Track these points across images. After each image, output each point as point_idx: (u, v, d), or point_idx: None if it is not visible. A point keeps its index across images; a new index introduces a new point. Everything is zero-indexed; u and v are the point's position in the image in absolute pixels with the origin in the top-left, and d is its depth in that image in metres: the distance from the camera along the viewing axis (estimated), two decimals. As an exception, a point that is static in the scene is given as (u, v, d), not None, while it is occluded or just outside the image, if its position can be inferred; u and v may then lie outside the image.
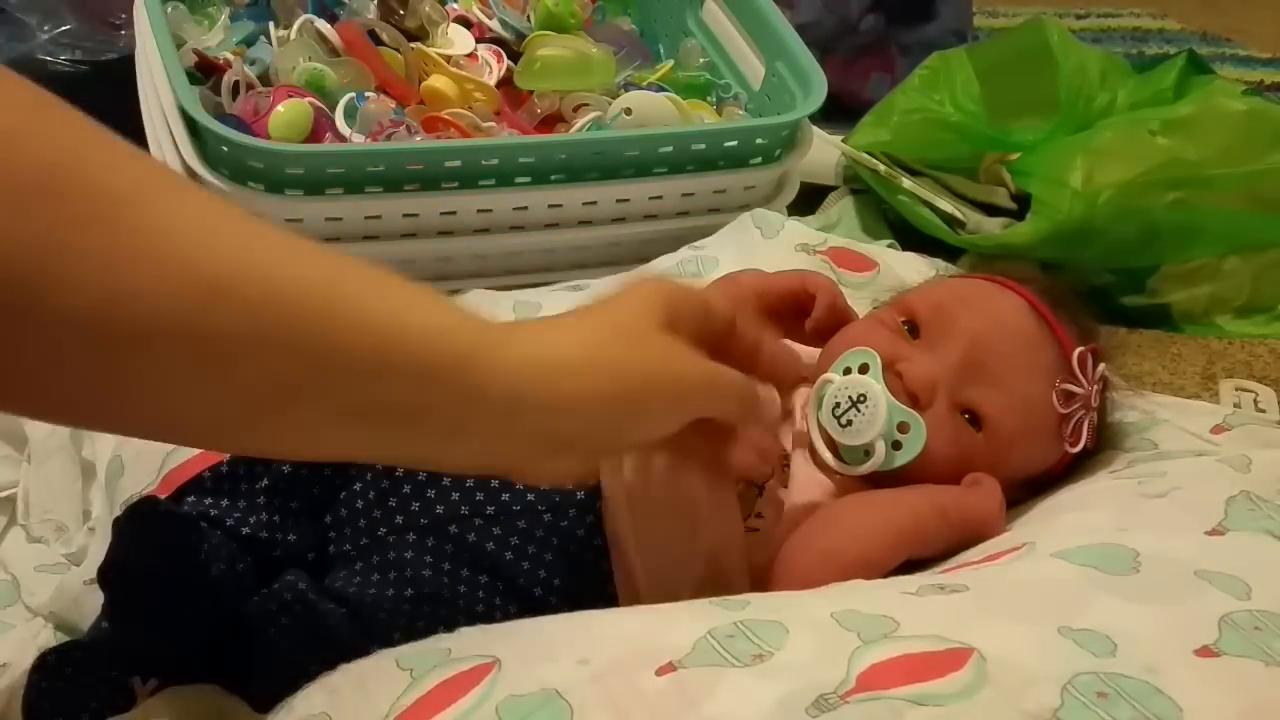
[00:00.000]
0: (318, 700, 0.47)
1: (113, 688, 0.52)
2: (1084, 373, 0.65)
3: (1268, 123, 1.03)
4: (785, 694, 0.42)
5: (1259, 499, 0.56)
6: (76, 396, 0.39)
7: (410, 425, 0.44)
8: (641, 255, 0.92)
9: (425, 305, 0.44)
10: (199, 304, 0.38)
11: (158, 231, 0.38)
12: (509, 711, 0.42)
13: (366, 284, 0.43)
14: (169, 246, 0.38)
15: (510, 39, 1.09)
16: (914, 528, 0.60)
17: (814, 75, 1.00)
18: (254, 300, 0.39)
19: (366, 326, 0.42)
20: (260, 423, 0.42)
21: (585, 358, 0.46)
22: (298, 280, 0.41)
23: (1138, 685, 0.43)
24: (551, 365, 0.45)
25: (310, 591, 0.55)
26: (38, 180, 0.37)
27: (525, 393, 0.45)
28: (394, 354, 0.42)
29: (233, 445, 0.51)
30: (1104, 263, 1.01)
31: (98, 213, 0.37)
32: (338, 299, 0.41)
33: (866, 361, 0.62)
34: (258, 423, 0.42)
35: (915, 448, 0.61)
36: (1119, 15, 1.99)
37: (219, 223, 0.41)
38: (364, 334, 0.41)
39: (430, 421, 0.44)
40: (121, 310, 0.37)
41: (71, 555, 0.70)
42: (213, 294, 0.39)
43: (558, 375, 0.45)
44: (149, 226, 0.38)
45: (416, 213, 0.91)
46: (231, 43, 1.01)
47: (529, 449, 0.46)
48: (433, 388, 0.43)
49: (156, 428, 0.43)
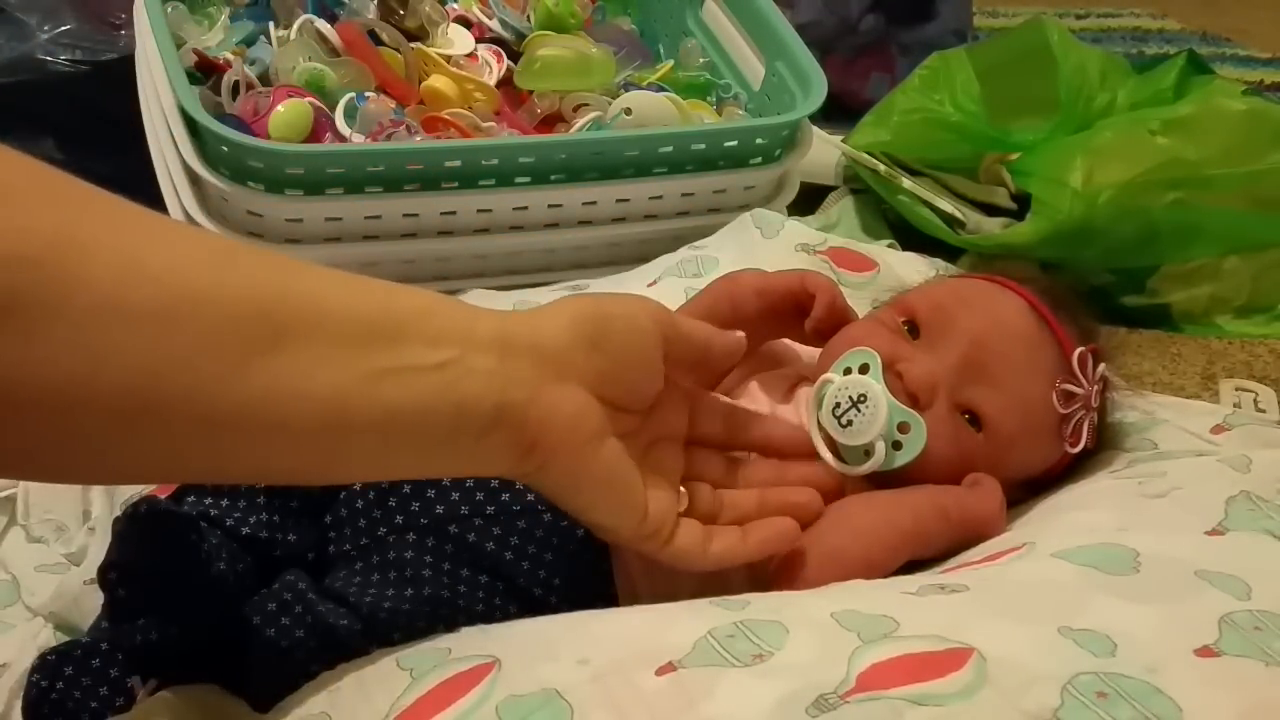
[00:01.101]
0: (318, 700, 0.47)
1: (113, 688, 0.52)
2: (1084, 373, 0.65)
3: (1268, 123, 1.03)
4: (785, 694, 0.42)
5: (1259, 499, 0.56)
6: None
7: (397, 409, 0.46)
8: (641, 255, 0.92)
9: (408, 296, 0.47)
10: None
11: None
12: (509, 711, 0.42)
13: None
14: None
15: (510, 39, 1.09)
16: (915, 528, 0.60)
17: (814, 75, 0.99)
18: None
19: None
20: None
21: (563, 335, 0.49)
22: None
23: (1138, 685, 0.43)
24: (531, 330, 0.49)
25: (310, 591, 0.55)
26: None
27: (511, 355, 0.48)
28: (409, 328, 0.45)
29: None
30: (1104, 263, 1.01)
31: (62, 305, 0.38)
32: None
33: (866, 362, 0.62)
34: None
35: (915, 448, 0.61)
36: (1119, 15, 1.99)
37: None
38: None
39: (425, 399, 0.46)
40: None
41: (71, 555, 0.70)
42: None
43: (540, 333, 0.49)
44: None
45: (416, 213, 0.91)
46: (231, 43, 1.01)
47: (525, 430, 0.49)
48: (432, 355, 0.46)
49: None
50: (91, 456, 0.41)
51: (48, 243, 0.38)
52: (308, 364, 0.42)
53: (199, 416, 0.41)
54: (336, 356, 0.43)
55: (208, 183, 0.86)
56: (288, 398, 0.42)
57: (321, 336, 0.43)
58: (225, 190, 0.86)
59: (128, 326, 0.39)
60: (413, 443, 0.46)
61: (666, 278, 0.85)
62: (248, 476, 0.47)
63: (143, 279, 0.40)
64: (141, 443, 0.41)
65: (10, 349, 0.37)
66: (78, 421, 0.39)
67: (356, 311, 0.44)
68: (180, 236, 0.43)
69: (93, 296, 0.38)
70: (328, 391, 0.43)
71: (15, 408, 0.38)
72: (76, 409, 0.39)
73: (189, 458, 0.42)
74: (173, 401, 0.40)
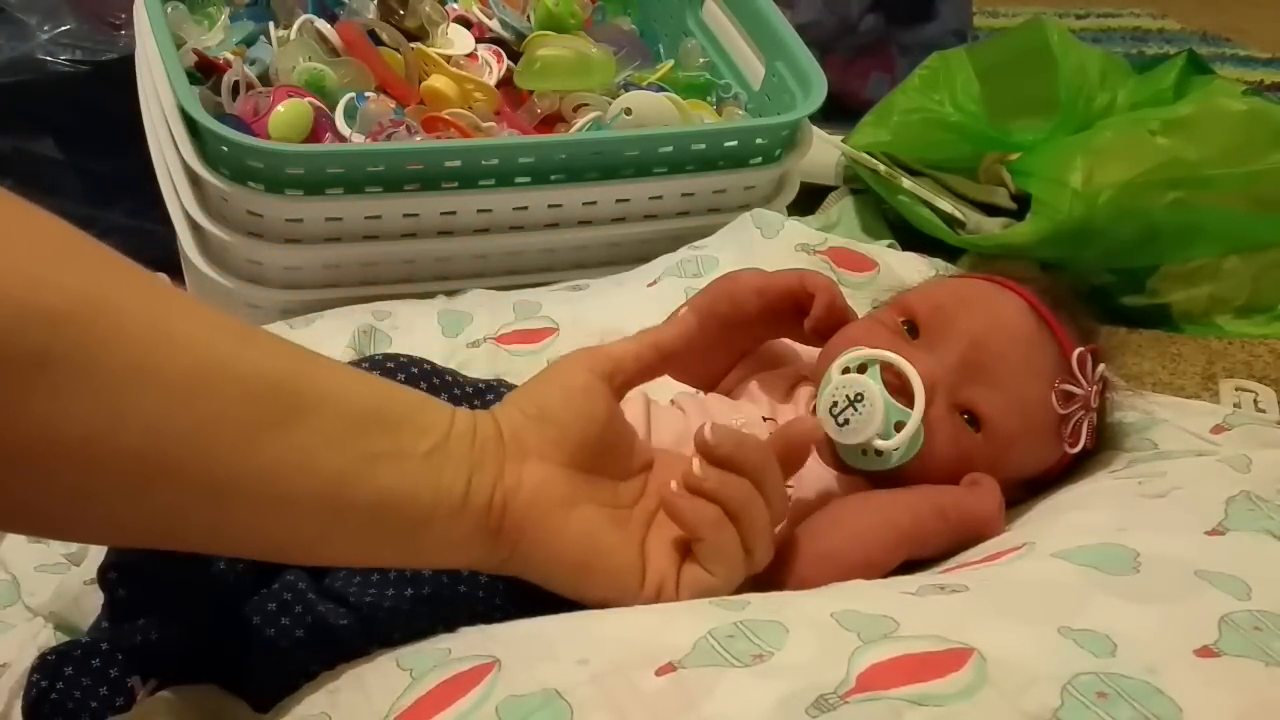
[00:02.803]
0: (318, 700, 0.47)
1: (113, 688, 0.52)
2: (1083, 373, 0.65)
3: (1268, 123, 1.03)
4: (785, 694, 0.42)
5: (1259, 499, 0.56)
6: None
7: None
8: (641, 255, 0.92)
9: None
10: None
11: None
12: (509, 711, 0.42)
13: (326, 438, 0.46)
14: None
15: (510, 39, 1.09)
16: (913, 528, 0.60)
17: (814, 75, 0.99)
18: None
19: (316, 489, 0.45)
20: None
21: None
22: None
23: (1138, 685, 0.43)
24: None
25: (310, 591, 0.55)
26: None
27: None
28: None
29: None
30: (1104, 263, 1.01)
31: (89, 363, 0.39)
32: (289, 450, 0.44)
33: (865, 361, 0.62)
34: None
35: (913, 448, 0.61)
36: (1119, 15, 1.99)
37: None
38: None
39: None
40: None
41: (71, 555, 0.70)
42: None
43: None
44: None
45: (416, 213, 0.91)
46: (231, 43, 1.01)
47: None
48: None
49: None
50: (99, 514, 0.42)
51: (83, 301, 0.39)
52: (314, 441, 0.44)
53: (210, 483, 0.42)
54: (341, 437, 0.45)
55: (208, 183, 0.86)
56: (293, 472, 0.44)
57: (329, 417, 0.45)
58: (225, 190, 0.86)
59: (154, 391, 0.40)
60: (397, 527, 0.47)
61: (666, 278, 0.85)
62: (242, 548, 0.48)
63: (172, 346, 0.41)
64: (150, 505, 0.42)
65: (39, 404, 0.38)
66: (93, 479, 0.40)
67: (361, 397, 0.47)
68: (201, 309, 0.44)
69: (124, 359, 0.40)
70: (330, 470, 0.45)
71: (35, 460, 0.39)
72: (94, 466, 0.40)
73: (192, 523, 0.44)
74: (187, 467, 0.41)
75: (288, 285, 0.90)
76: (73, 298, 0.39)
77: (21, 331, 0.37)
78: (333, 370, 0.48)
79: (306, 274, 0.91)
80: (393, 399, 0.49)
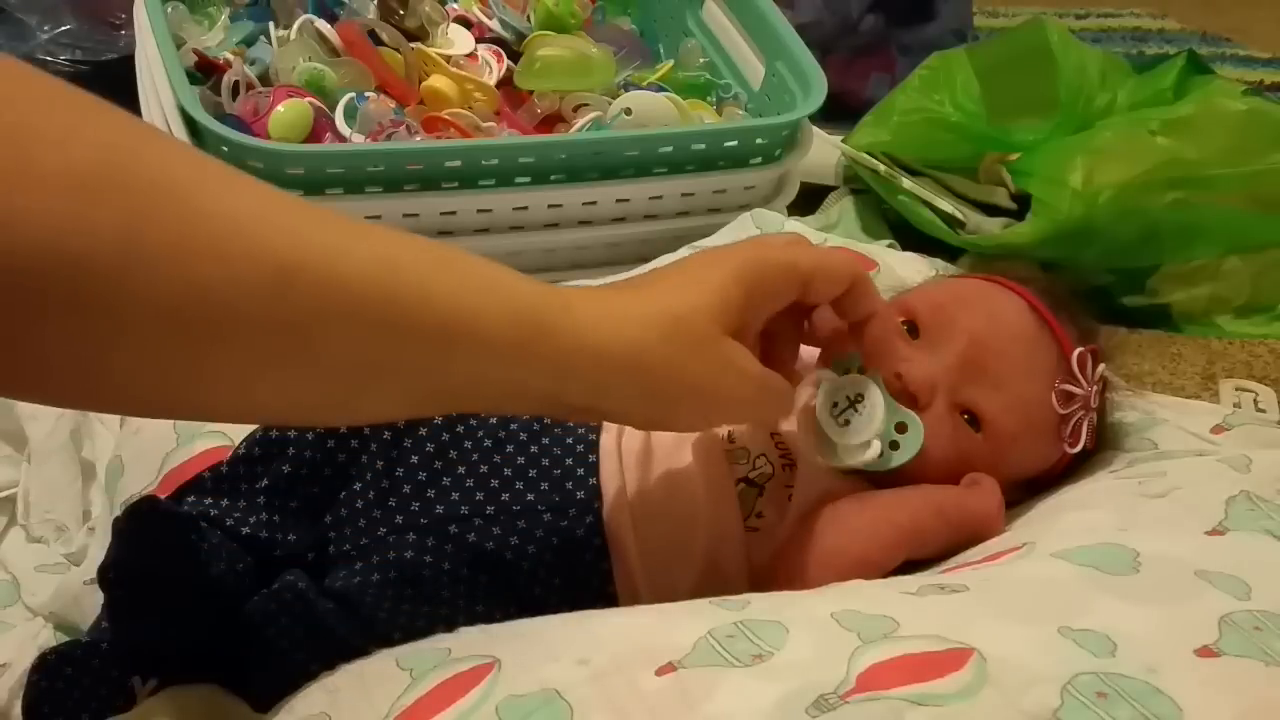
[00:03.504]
0: (318, 700, 0.47)
1: (113, 688, 0.52)
2: (1083, 373, 0.65)
3: (1268, 123, 1.03)
4: (785, 694, 0.42)
5: (1259, 499, 0.56)
6: (158, 389, 0.40)
7: (471, 398, 0.47)
8: (641, 255, 0.92)
9: (482, 284, 0.46)
10: (266, 294, 0.39)
11: (222, 221, 0.39)
12: (509, 711, 0.42)
13: (427, 265, 0.44)
14: (235, 238, 0.39)
15: (510, 39, 1.09)
16: (913, 528, 0.60)
17: (814, 75, 1.00)
18: (318, 287, 0.40)
19: (429, 308, 0.43)
20: (343, 405, 0.44)
21: (632, 354, 0.48)
22: (359, 265, 0.42)
23: (1138, 685, 0.43)
24: (599, 354, 0.47)
25: (310, 591, 0.55)
26: (105, 174, 0.37)
27: (571, 374, 0.47)
28: (457, 334, 0.44)
29: (316, 422, 0.55)
30: (1104, 263, 1.01)
31: (162, 205, 0.38)
32: (399, 284, 0.43)
33: (866, 361, 0.62)
34: (340, 404, 0.44)
35: (913, 448, 0.61)
36: (1119, 15, 1.99)
37: (277, 212, 0.41)
38: (427, 315, 0.43)
39: (488, 392, 0.47)
40: (195, 303, 0.38)
41: (71, 555, 0.70)
42: (278, 284, 0.39)
43: (603, 366, 0.47)
44: (212, 216, 0.39)
45: (416, 213, 0.91)
46: (231, 43, 1.01)
47: (577, 413, 0.52)
48: (492, 364, 0.45)
49: (235, 413, 0.45)
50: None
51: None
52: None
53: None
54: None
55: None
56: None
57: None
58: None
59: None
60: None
61: (666, 278, 0.85)
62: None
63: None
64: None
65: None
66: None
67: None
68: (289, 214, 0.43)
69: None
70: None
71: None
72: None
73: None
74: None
75: (288, 285, 0.90)
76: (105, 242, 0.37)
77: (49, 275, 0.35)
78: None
79: (306, 274, 0.91)
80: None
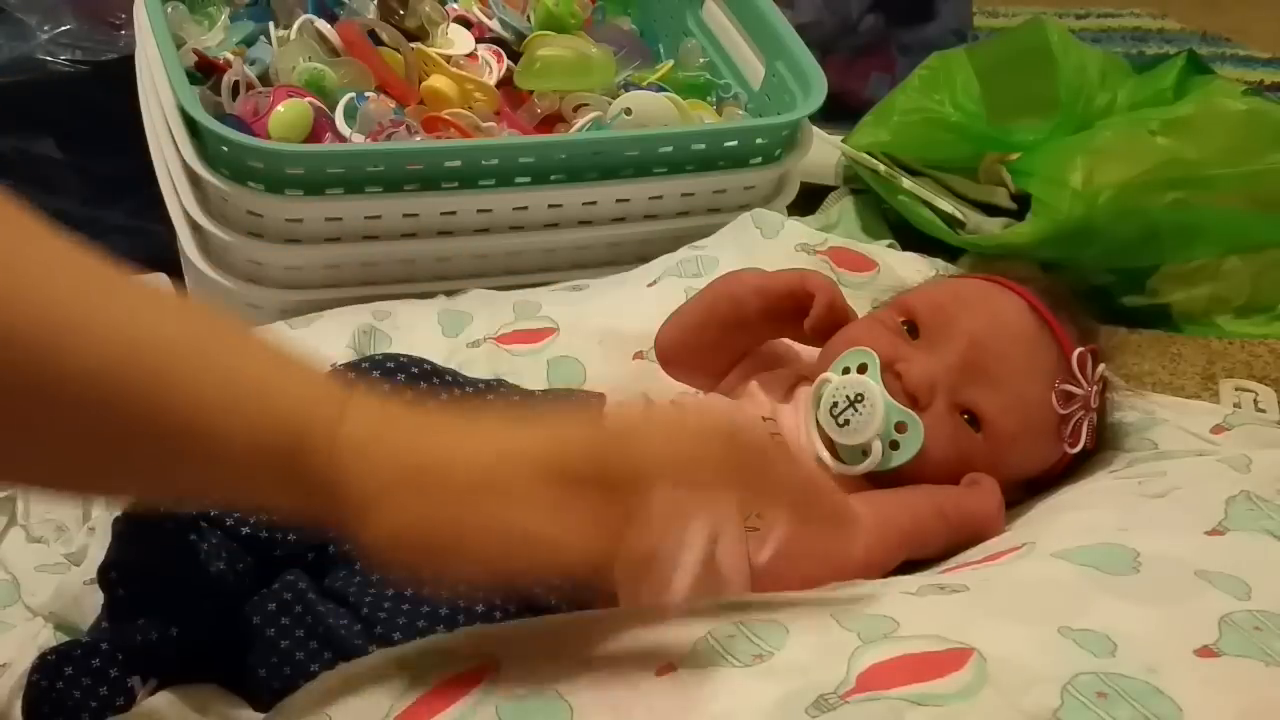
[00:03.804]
0: (318, 700, 0.47)
1: (113, 688, 0.52)
2: (1084, 373, 0.65)
3: (1268, 123, 1.03)
4: (785, 694, 0.42)
5: (1259, 499, 0.56)
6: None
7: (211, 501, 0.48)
8: (641, 255, 0.92)
9: (241, 385, 0.42)
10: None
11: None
12: (509, 712, 0.42)
13: (181, 351, 0.41)
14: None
15: (510, 39, 1.09)
16: (913, 527, 0.60)
17: (814, 75, 0.99)
18: (34, 355, 0.39)
19: (161, 406, 0.41)
20: (79, 484, 0.44)
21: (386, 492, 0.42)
22: (91, 340, 0.40)
23: (1138, 685, 0.43)
24: (349, 485, 0.42)
25: (310, 591, 0.55)
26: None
27: (320, 500, 0.42)
28: (186, 442, 0.41)
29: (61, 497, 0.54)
30: (1104, 263, 1.01)
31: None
32: (133, 371, 0.40)
33: (865, 361, 0.62)
34: (75, 483, 0.44)
35: (913, 448, 0.61)
36: (1119, 15, 1.99)
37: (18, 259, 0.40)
38: (158, 414, 0.41)
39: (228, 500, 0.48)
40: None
41: (71, 555, 0.70)
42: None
43: (350, 502, 0.42)
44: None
45: (416, 213, 0.91)
46: (231, 43, 1.01)
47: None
48: (227, 478, 0.43)
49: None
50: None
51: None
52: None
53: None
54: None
55: (208, 183, 0.86)
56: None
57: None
58: (225, 190, 0.86)
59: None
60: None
61: (666, 278, 0.85)
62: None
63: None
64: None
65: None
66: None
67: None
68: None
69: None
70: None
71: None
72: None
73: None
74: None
75: (288, 285, 0.90)
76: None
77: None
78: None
79: (306, 274, 0.91)
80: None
